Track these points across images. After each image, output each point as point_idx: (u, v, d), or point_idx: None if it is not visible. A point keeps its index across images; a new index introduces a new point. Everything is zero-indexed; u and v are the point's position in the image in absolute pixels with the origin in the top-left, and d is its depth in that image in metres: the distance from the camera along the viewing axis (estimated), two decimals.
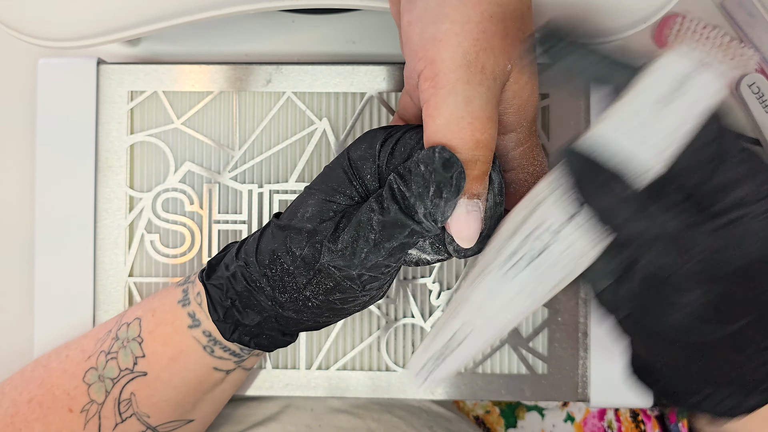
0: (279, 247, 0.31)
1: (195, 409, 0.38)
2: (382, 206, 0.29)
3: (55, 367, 0.37)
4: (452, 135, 0.28)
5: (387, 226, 0.29)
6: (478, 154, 0.28)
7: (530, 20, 0.31)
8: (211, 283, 0.34)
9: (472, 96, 0.28)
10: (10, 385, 0.38)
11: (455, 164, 0.28)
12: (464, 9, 0.29)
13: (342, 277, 0.30)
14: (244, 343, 0.35)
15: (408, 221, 0.29)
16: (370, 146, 0.31)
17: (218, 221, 0.43)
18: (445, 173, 0.28)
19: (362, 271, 0.30)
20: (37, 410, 0.36)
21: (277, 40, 0.49)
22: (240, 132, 0.44)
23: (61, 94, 0.43)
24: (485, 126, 0.28)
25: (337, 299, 0.31)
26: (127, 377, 0.36)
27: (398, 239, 0.29)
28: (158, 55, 0.49)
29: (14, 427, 0.36)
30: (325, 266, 0.30)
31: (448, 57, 0.28)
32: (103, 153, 0.44)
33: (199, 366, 0.36)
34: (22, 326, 0.47)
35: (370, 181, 0.31)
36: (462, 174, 0.28)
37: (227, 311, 0.34)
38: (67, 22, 0.40)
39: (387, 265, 0.30)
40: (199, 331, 0.35)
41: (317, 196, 0.31)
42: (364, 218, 0.29)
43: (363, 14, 0.48)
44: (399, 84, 0.43)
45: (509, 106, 0.31)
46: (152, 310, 0.37)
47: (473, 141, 0.28)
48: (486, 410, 0.53)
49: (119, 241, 0.43)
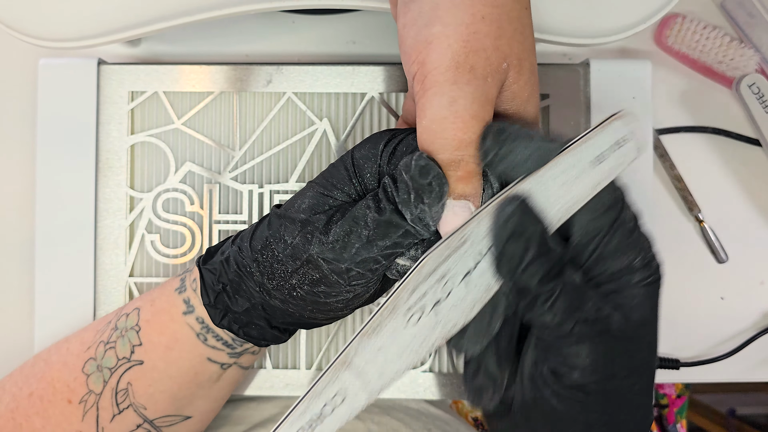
0: (272, 234, 0.32)
1: (191, 404, 0.38)
2: (378, 206, 0.29)
3: (55, 360, 0.38)
4: (435, 136, 0.28)
5: (382, 225, 0.29)
6: (461, 154, 0.28)
7: (528, 20, 0.31)
8: (206, 267, 0.35)
9: (456, 96, 0.28)
10: (10, 381, 0.38)
11: (431, 170, 0.28)
12: (456, 11, 0.29)
13: (329, 270, 0.30)
14: (233, 331, 0.35)
15: (402, 222, 0.29)
16: (374, 146, 0.31)
17: (219, 221, 0.44)
18: (421, 180, 0.28)
19: (351, 266, 0.30)
20: (38, 404, 0.36)
21: (278, 41, 0.49)
22: (240, 132, 0.44)
23: (61, 94, 0.43)
24: (468, 125, 0.28)
25: (321, 292, 0.31)
26: (125, 366, 0.36)
27: (392, 238, 0.29)
28: (159, 56, 0.49)
29: (15, 421, 0.36)
30: (314, 257, 0.30)
31: (437, 59, 0.28)
32: (103, 153, 0.44)
33: (193, 355, 0.36)
34: (23, 326, 0.47)
35: (369, 181, 0.31)
36: (440, 179, 0.28)
37: (218, 296, 0.34)
38: (68, 22, 0.40)
39: (376, 260, 0.30)
40: (193, 318, 0.35)
41: (316, 189, 0.32)
42: (359, 214, 0.29)
43: (363, 14, 0.48)
44: (399, 84, 0.43)
45: (509, 107, 0.31)
46: (151, 300, 0.37)
47: (456, 141, 0.28)
48: None
49: (120, 241, 0.43)
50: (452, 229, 0.28)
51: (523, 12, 0.30)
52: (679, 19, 0.48)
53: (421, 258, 0.28)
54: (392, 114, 0.44)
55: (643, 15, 0.40)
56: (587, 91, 0.43)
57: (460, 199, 0.29)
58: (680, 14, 0.48)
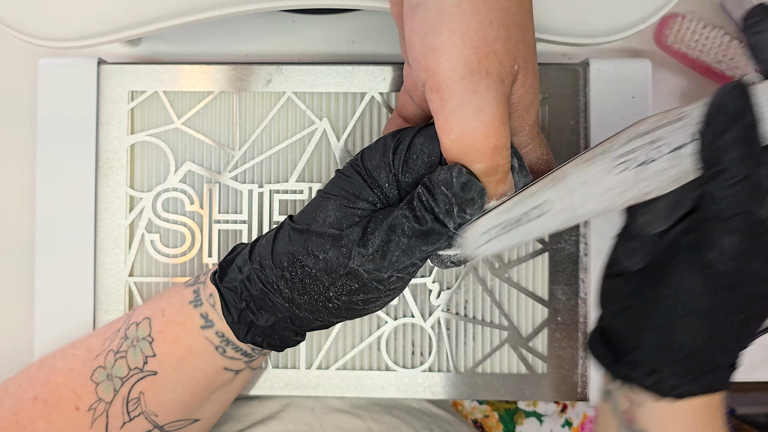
0: (299, 250, 0.31)
1: (202, 408, 0.38)
2: (415, 215, 0.29)
3: (60, 366, 0.38)
4: (468, 148, 0.28)
5: (423, 234, 0.30)
6: (497, 160, 0.29)
7: (530, 24, 0.31)
8: (224, 285, 0.35)
9: (481, 105, 0.28)
10: (15, 383, 0.38)
11: (474, 186, 0.29)
12: (463, 17, 0.28)
13: (370, 279, 0.31)
14: (257, 344, 0.35)
15: (444, 230, 0.30)
16: (384, 155, 0.31)
17: (218, 221, 0.44)
18: (465, 195, 0.29)
19: (392, 273, 0.30)
20: (42, 408, 0.36)
21: (278, 40, 0.49)
22: (240, 132, 0.44)
23: (61, 94, 0.43)
24: (498, 131, 0.28)
25: (360, 299, 0.32)
26: (137, 376, 0.36)
27: (435, 245, 0.30)
28: (159, 55, 0.49)
29: (18, 424, 0.36)
30: (354, 269, 0.30)
31: (450, 68, 0.28)
32: (103, 153, 0.44)
33: (209, 366, 0.36)
34: (23, 326, 0.47)
35: (388, 189, 0.31)
36: (482, 192, 0.29)
37: (241, 313, 0.34)
38: (68, 22, 0.40)
39: (414, 264, 0.31)
40: (212, 332, 0.35)
41: (337, 201, 0.31)
42: (397, 223, 0.30)
43: (363, 14, 0.48)
44: (399, 84, 0.43)
45: (513, 110, 0.31)
46: (162, 310, 0.37)
47: (490, 148, 0.28)
48: (485, 414, 0.53)
49: (119, 241, 0.43)
50: None
51: (525, 16, 0.30)
52: (679, 19, 0.48)
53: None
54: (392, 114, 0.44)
55: (642, 15, 0.40)
56: (587, 91, 0.43)
57: (501, 198, 0.30)
58: (680, 14, 0.48)
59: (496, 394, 0.43)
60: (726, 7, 0.49)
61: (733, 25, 0.49)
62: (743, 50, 0.47)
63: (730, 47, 0.47)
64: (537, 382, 0.43)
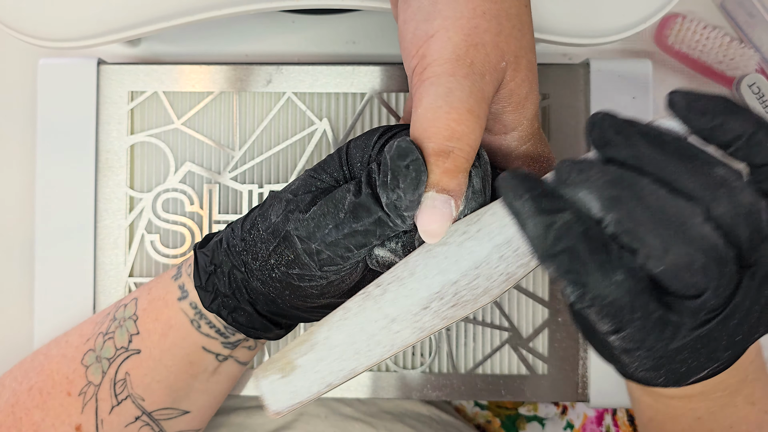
0: (261, 213, 0.32)
1: (188, 397, 0.37)
2: (358, 189, 0.29)
3: (54, 353, 0.38)
4: (428, 123, 0.28)
5: (356, 208, 0.28)
6: (451, 145, 0.27)
7: (528, 17, 0.31)
8: (201, 250, 0.35)
9: (453, 87, 0.28)
10: (10, 376, 0.39)
11: (410, 153, 0.27)
12: (456, 5, 0.29)
13: (302, 250, 0.30)
14: (223, 317, 0.35)
15: (376, 207, 0.28)
16: (368, 137, 0.31)
17: (218, 221, 0.43)
18: (399, 161, 0.27)
19: (321, 247, 0.29)
20: (37, 397, 0.37)
21: (278, 41, 0.49)
22: (240, 132, 0.44)
23: (61, 94, 0.43)
24: (462, 117, 0.28)
25: (295, 274, 0.31)
26: (123, 356, 0.36)
27: (364, 224, 0.28)
28: (158, 56, 0.49)
29: (15, 416, 0.36)
30: (290, 234, 0.30)
31: (437, 51, 0.28)
32: (103, 153, 0.44)
33: (187, 343, 0.36)
34: (22, 326, 0.47)
35: (358, 169, 0.31)
36: (418, 164, 0.27)
37: (209, 277, 0.34)
38: (68, 22, 0.40)
39: (347, 248, 0.29)
40: (186, 303, 0.36)
41: (307, 173, 0.32)
42: (339, 196, 0.29)
43: (363, 14, 0.48)
44: (399, 84, 0.43)
45: (507, 104, 0.31)
46: (148, 288, 0.37)
47: (448, 130, 0.27)
48: (487, 420, 0.53)
49: (119, 241, 0.43)
50: (430, 226, 0.28)
51: (522, 9, 0.30)
52: (679, 19, 0.48)
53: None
54: (392, 114, 0.44)
55: (643, 15, 0.40)
56: (587, 91, 0.43)
57: (442, 194, 0.28)
58: (680, 14, 0.48)
59: (497, 394, 0.43)
60: (726, 8, 0.49)
61: (733, 25, 0.49)
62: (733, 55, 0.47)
63: (731, 47, 0.47)
64: (537, 382, 0.43)
